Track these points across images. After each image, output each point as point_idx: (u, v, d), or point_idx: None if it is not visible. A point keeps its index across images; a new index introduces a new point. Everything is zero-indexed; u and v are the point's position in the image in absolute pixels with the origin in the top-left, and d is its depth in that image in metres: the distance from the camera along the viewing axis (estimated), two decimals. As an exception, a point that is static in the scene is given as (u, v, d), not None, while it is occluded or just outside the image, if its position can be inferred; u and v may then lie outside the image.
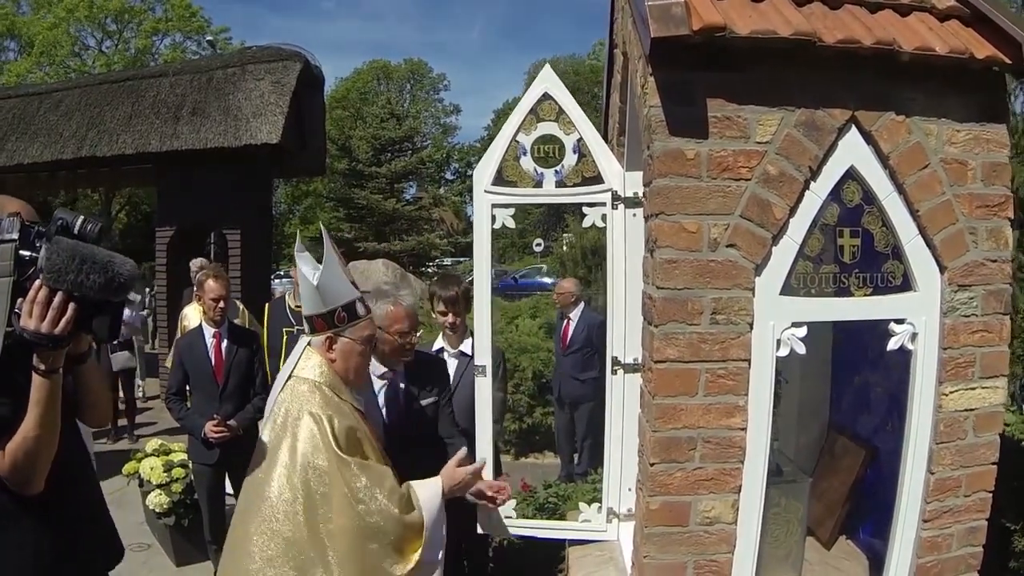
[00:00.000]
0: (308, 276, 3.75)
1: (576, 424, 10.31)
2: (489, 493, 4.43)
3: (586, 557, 4.85)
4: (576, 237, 17.83)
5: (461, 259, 39.94)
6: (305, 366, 3.80)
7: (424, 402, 5.04)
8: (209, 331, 6.92)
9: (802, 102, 3.51)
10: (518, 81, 58.70)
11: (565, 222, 24.08)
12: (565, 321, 10.35)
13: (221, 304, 6.81)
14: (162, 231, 14.88)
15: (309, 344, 3.86)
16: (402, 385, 5.01)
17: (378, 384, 4.94)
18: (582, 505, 5.02)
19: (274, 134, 13.73)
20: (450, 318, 6.10)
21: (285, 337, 6.11)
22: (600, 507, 4.88)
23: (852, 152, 3.60)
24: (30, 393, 2.73)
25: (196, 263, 10.72)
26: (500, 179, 4.72)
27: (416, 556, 3.59)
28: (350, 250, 33.43)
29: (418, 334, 4.87)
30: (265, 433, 3.69)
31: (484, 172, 4.75)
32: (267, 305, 7.92)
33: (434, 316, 6.38)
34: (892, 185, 3.62)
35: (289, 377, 3.76)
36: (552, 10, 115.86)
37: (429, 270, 37.44)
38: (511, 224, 4.75)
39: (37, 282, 2.62)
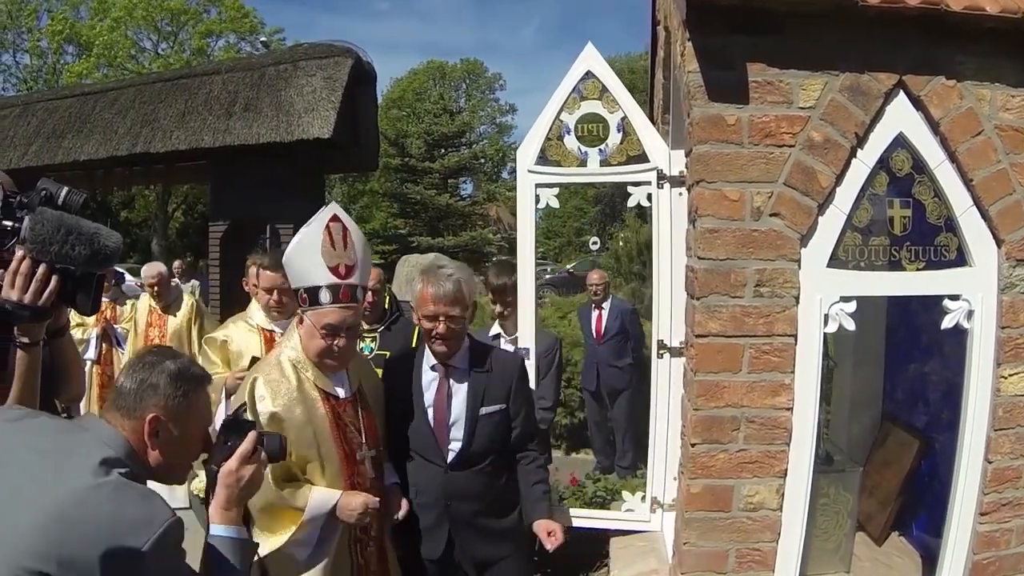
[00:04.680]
0: (287, 249, 3.83)
1: (615, 419, 10.28)
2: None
3: (628, 548, 4.74)
4: (632, 233, 17.73)
5: (514, 255, 40.14)
6: (288, 337, 3.94)
7: (486, 410, 4.20)
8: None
9: (846, 66, 3.39)
10: (573, 80, 58.92)
11: (622, 218, 24.07)
12: (597, 312, 10.31)
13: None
14: (215, 226, 15.02)
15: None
16: (460, 386, 4.25)
17: (427, 377, 4.27)
18: (626, 494, 4.91)
19: (326, 129, 13.79)
20: (499, 307, 6.05)
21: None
22: (644, 496, 4.75)
23: (900, 118, 3.47)
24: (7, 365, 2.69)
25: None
26: (544, 159, 4.65)
27: (284, 537, 3.65)
28: (404, 245, 33.47)
29: (463, 319, 4.20)
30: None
31: (527, 152, 4.69)
32: None
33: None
34: (944, 153, 3.47)
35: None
36: (606, 8, 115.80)
37: (485, 265, 37.52)
38: (555, 204, 4.70)
39: (20, 252, 2.56)
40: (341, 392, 3.89)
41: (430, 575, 4.30)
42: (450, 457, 4.17)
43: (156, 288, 9.25)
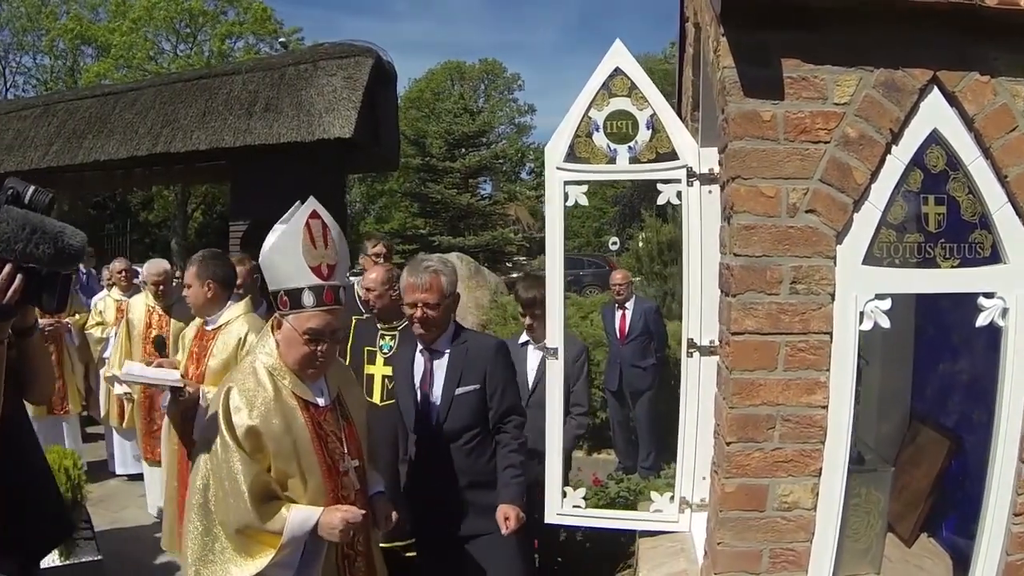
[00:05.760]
0: (263, 248, 3.66)
1: (637, 419, 10.34)
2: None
3: (656, 548, 4.71)
4: (652, 233, 17.69)
5: (536, 256, 40.01)
6: (263, 342, 3.75)
7: (462, 390, 4.70)
8: None
9: (880, 62, 3.36)
10: (592, 80, 59.08)
11: (641, 218, 24.00)
12: (621, 312, 10.40)
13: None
14: (236, 226, 15.14)
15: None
16: (441, 366, 4.77)
17: (418, 361, 4.84)
18: (654, 494, 4.87)
19: (347, 129, 13.89)
20: (527, 320, 6.24)
21: (354, 323, 6.07)
22: (672, 496, 4.72)
23: (935, 114, 3.43)
24: None
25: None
26: (572, 156, 4.60)
27: (264, 560, 3.45)
28: (425, 244, 33.52)
29: (440, 307, 4.66)
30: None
31: (555, 149, 4.64)
32: None
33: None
34: (978, 149, 3.43)
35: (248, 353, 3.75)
36: (624, 9, 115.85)
37: (507, 264, 37.49)
38: (584, 202, 4.65)
39: None
40: (320, 400, 3.75)
41: (416, 550, 4.60)
42: (432, 433, 4.69)
43: (160, 287, 8.82)
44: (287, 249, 3.58)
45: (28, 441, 3.47)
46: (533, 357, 6.31)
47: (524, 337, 6.46)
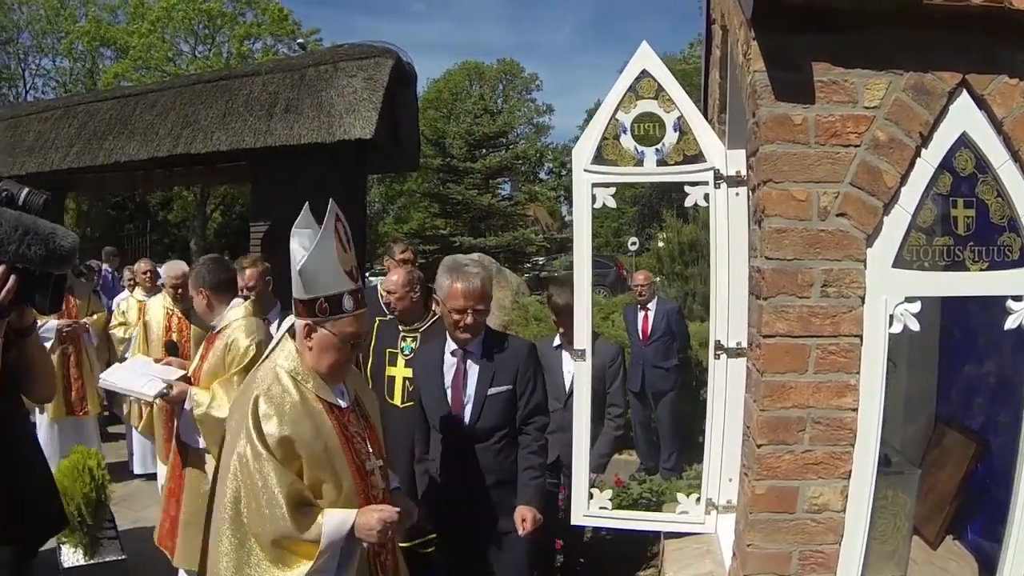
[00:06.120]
0: (295, 257, 3.53)
1: (659, 420, 10.33)
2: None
3: (682, 550, 4.72)
4: (673, 233, 17.66)
5: (556, 256, 39.92)
6: (280, 347, 3.67)
7: (493, 391, 4.74)
8: None
9: (910, 65, 3.37)
10: (610, 81, 58.68)
11: (661, 218, 23.93)
12: (643, 312, 10.38)
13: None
14: (256, 226, 15.14)
15: (291, 327, 3.68)
16: (474, 367, 4.81)
17: (448, 362, 4.86)
18: (680, 496, 4.88)
19: (367, 130, 13.86)
20: (562, 329, 6.29)
21: (376, 325, 6.10)
22: (699, 498, 4.72)
23: (964, 118, 3.43)
24: None
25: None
26: (600, 158, 4.61)
27: (303, 569, 3.37)
28: (446, 245, 33.38)
29: (484, 312, 4.72)
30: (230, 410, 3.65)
31: (583, 151, 4.65)
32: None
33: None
34: (1007, 152, 3.43)
35: (266, 358, 3.65)
36: (641, 9, 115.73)
37: (526, 265, 37.37)
38: (612, 204, 4.68)
39: None
40: (342, 402, 3.70)
41: (438, 547, 4.74)
42: (463, 433, 4.73)
43: (178, 289, 8.52)
44: (325, 256, 3.51)
45: (23, 438, 3.51)
46: (568, 361, 6.29)
47: (558, 340, 6.49)
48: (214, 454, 5.08)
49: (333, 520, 3.42)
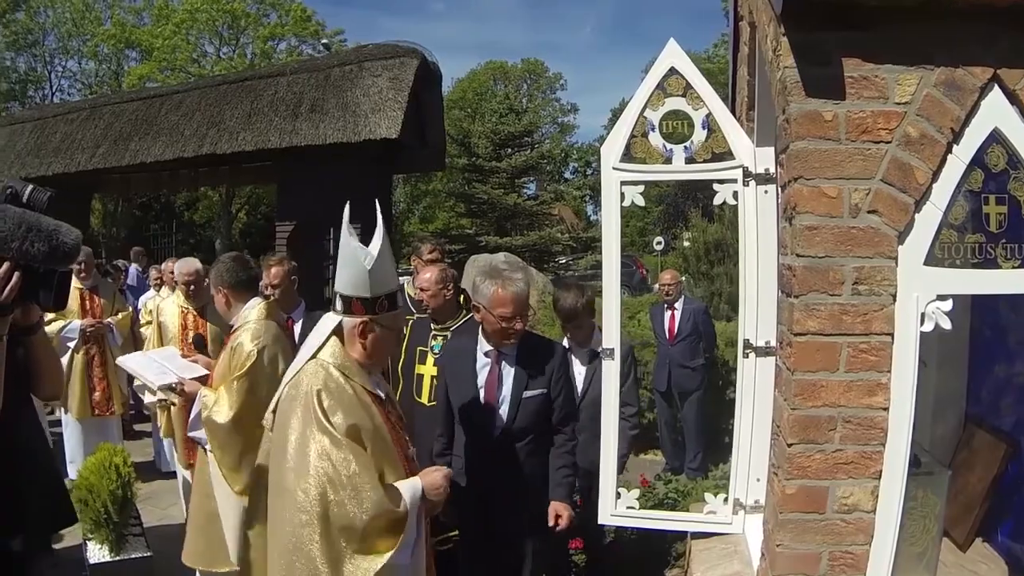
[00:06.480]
0: (360, 259, 3.65)
1: (685, 419, 10.34)
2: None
3: (710, 550, 4.70)
4: (699, 233, 17.64)
5: (582, 255, 39.96)
6: (327, 346, 3.74)
7: (529, 393, 4.85)
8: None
9: (941, 60, 3.33)
10: (634, 79, 58.68)
11: (687, 217, 23.89)
12: (670, 312, 10.37)
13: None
14: (282, 226, 15.27)
15: (337, 325, 3.78)
16: (509, 369, 4.89)
17: (481, 362, 4.92)
18: (708, 496, 4.86)
19: (393, 129, 13.96)
20: (568, 334, 6.37)
21: (409, 323, 6.12)
22: (726, 498, 4.71)
23: (995, 113, 3.38)
24: None
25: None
26: (628, 156, 4.60)
27: (388, 556, 3.45)
28: (471, 245, 33.41)
29: (528, 316, 4.86)
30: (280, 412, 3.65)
31: (611, 149, 4.63)
32: None
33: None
34: (1039, 148, 3.39)
35: (311, 357, 3.69)
36: (662, 8, 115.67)
37: (552, 264, 37.40)
38: (640, 202, 4.65)
39: None
40: (381, 393, 3.86)
41: (462, 545, 4.98)
42: (496, 433, 4.80)
43: (191, 287, 8.36)
44: (385, 255, 3.69)
45: (31, 435, 3.53)
46: (578, 362, 6.33)
47: (566, 343, 6.47)
48: (216, 457, 5.11)
49: (406, 489, 3.62)
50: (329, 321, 3.78)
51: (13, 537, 3.24)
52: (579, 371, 6.27)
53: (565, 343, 6.43)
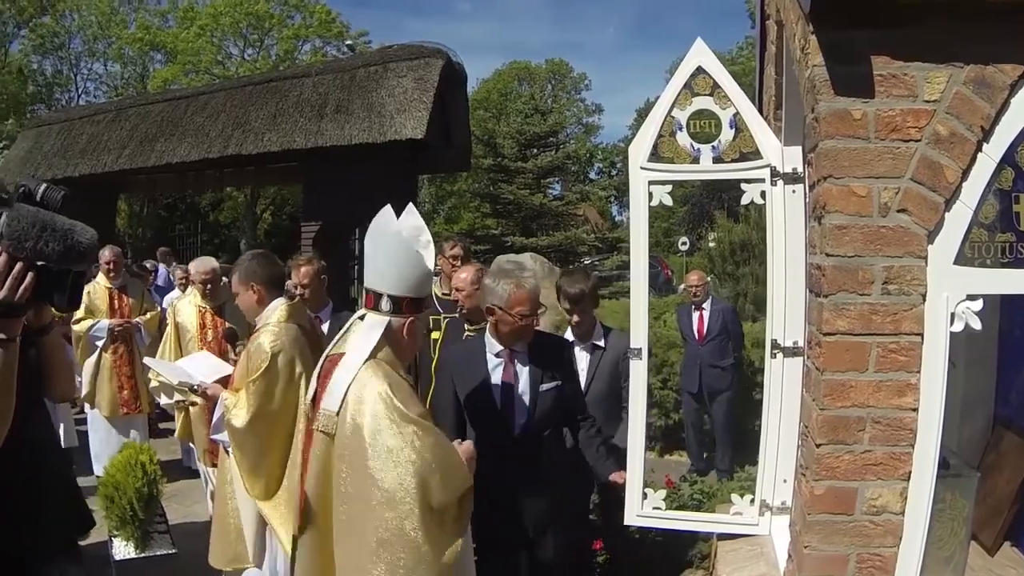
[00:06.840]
0: (422, 261, 3.79)
1: (714, 419, 10.37)
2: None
3: (736, 551, 4.68)
4: (724, 233, 17.61)
5: (607, 255, 39.89)
6: (370, 345, 3.78)
7: (545, 387, 4.92)
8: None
9: (970, 58, 3.29)
10: (658, 79, 58.48)
11: (712, 218, 23.87)
12: (698, 313, 10.40)
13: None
14: (307, 227, 15.34)
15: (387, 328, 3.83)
16: (523, 368, 4.93)
17: (492, 363, 4.94)
18: (734, 497, 4.84)
19: (418, 130, 14.00)
20: (575, 317, 6.29)
21: (444, 323, 6.16)
22: (753, 499, 4.68)
23: (1026, 111, 3.35)
24: None
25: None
26: (656, 155, 4.59)
27: (466, 526, 3.75)
28: (497, 245, 33.40)
29: (541, 311, 4.92)
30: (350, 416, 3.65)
31: (639, 149, 4.63)
32: None
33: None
34: (1070, 147, 3.35)
35: (368, 359, 3.72)
36: (685, 8, 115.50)
37: (577, 264, 37.40)
38: (668, 202, 4.63)
39: None
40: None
41: (482, 543, 4.79)
42: (516, 431, 4.85)
43: (208, 286, 8.54)
44: (432, 259, 3.88)
45: (43, 438, 3.55)
46: (581, 356, 6.30)
47: (569, 335, 6.46)
48: (236, 459, 5.13)
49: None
50: (374, 322, 3.82)
51: (24, 542, 3.25)
52: (581, 367, 6.24)
53: (569, 336, 6.47)
